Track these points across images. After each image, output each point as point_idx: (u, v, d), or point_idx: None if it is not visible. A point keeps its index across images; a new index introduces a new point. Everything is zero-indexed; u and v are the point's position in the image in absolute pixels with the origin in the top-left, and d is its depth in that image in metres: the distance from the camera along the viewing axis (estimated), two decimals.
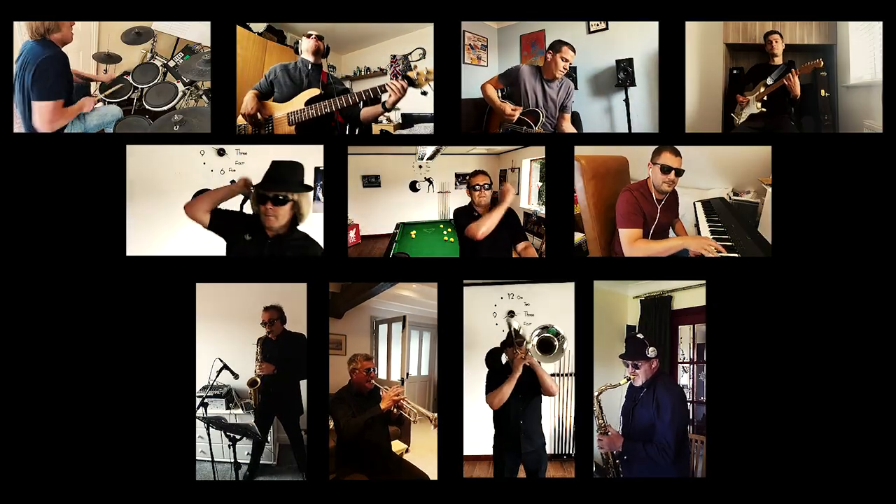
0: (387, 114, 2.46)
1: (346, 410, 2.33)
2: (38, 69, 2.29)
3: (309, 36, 2.49)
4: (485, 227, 2.46)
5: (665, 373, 2.36)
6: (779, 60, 2.53)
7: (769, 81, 2.53)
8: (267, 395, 2.37)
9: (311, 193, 2.27)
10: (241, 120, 2.43)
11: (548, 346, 2.33)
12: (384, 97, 2.41)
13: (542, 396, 2.40)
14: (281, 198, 2.19)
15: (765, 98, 2.53)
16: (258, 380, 2.35)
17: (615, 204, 2.49)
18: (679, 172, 2.38)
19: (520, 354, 2.34)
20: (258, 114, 2.46)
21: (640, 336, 2.35)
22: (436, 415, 2.33)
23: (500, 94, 2.63)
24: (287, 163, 2.25)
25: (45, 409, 2.25)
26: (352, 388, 2.38)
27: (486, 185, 2.55)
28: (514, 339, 2.37)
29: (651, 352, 2.30)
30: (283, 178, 2.22)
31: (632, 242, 2.40)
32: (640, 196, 2.46)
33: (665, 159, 2.37)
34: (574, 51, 2.58)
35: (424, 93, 2.43)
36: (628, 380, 2.32)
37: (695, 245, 2.31)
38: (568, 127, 2.65)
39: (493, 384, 2.36)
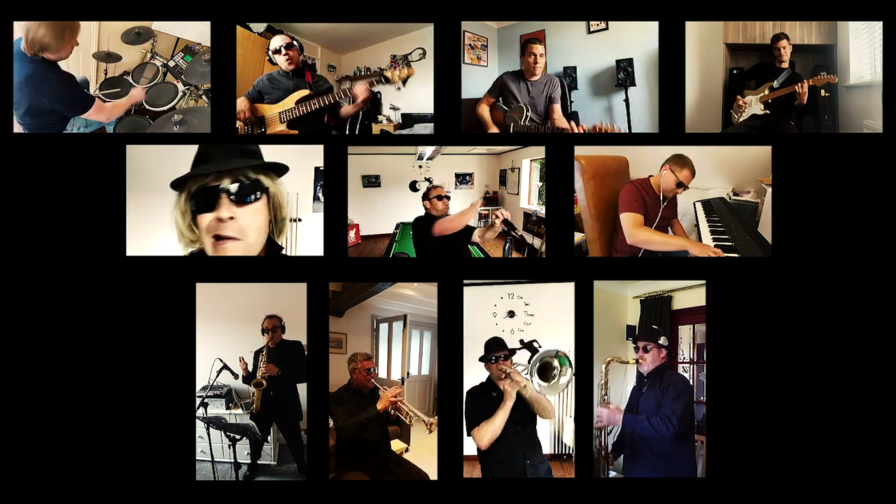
0: (362, 110, 2.49)
1: (344, 410, 2.32)
2: (56, 93, 2.30)
3: (278, 52, 2.48)
4: (454, 222, 2.52)
5: (669, 367, 2.37)
6: (786, 64, 2.53)
7: (775, 85, 2.53)
8: (266, 398, 2.36)
9: (282, 182, 1.42)
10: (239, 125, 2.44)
11: (547, 370, 2.25)
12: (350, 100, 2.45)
13: (538, 419, 2.33)
14: (254, 194, 1.28)
15: (769, 101, 2.53)
16: (263, 381, 2.34)
17: (615, 203, 2.49)
18: (686, 187, 2.47)
19: (504, 371, 2.24)
20: (251, 113, 2.46)
21: (655, 327, 2.38)
22: (433, 420, 2.31)
23: (496, 104, 2.64)
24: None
25: (45, 409, 2.25)
26: (351, 388, 2.38)
27: (447, 196, 2.62)
28: (495, 353, 2.31)
29: (663, 340, 2.34)
30: (243, 148, 1.38)
31: (635, 226, 2.43)
32: (643, 190, 2.49)
33: (684, 177, 2.43)
34: (541, 42, 2.61)
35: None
36: (637, 361, 2.35)
37: (696, 251, 2.32)
38: (559, 118, 2.65)
39: (478, 417, 2.22)
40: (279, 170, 1.42)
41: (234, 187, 1.29)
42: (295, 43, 2.51)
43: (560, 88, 2.69)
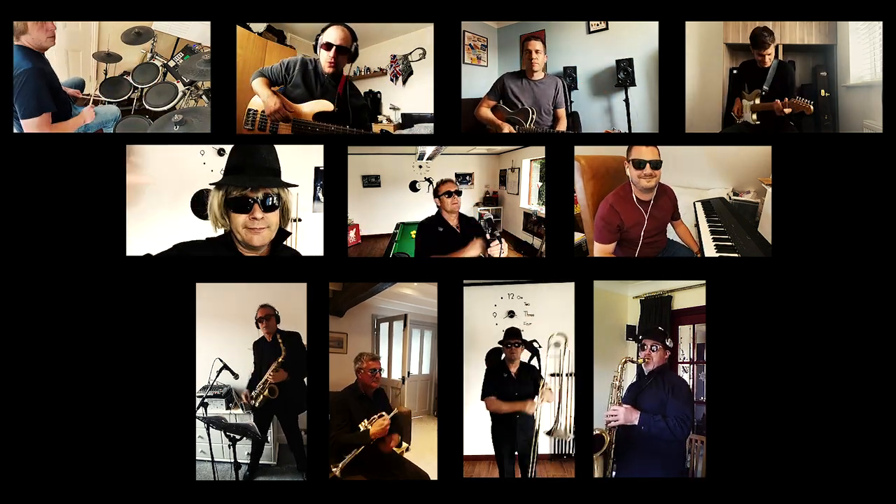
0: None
1: (342, 419, 2.30)
2: (14, 84, 2.26)
3: (329, 48, 2.39)
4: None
5: (668, 368, 2.38)
6: (770, 60, 2.52)
7: (765, 88, 2.52)
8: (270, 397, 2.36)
9: (295, 192, 1.91)
10: (255, 105, 2.38)
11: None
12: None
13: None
14: (273, 199, 1.77)
15: (759, 111, 2.52)
16: (276, 388, 2.33)
17: None
18: (656, 164, 2.35)
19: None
20: (284, 111, 2.38)
21: (661, 328, 2.38)
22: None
23: (498, 105, 2.63)
24: (264, 146, 1.87)
25: (45, 409, 2.25)
26: (357, 391, 2.36)
27: (458, 192, 2.57)
28: (511, 340, 2.41)
29: (669, 342, 2.35)
30: (269, 166, 1.81)
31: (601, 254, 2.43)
32: (620, 203, 2.41)
33: (636, 153, 2.35)
34: (539, 39, 2.60)
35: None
36: (644, 362, 2.36)
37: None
38: (562, 122, 2.64)
39: (489, 386, 2.40)
40: (292, 186, 1.94)
41: (264, 198, 1.79)
42: (351, 50, 2.38)
43: (564, 91, 2.69)
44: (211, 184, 1.92)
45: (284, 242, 1.95)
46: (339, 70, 2.46)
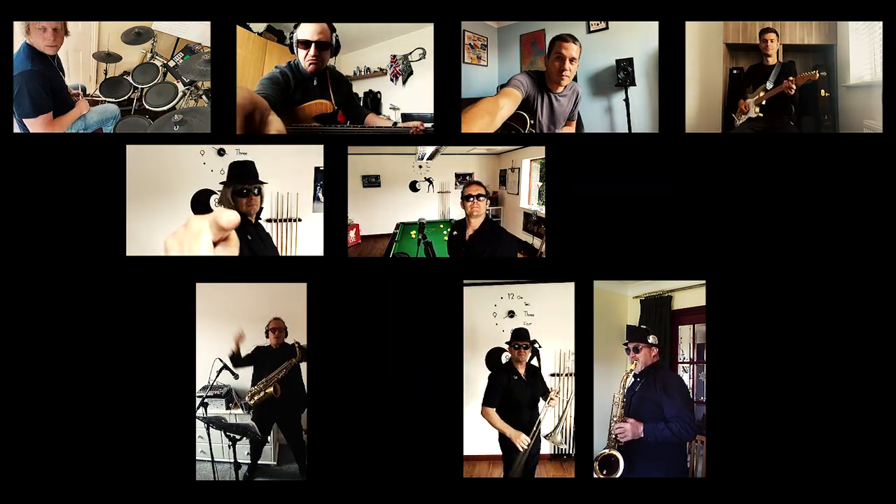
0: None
1: None
2: (15, 84, 2.30)
3: (307, 45, 2.36)
4: None
5: (664, 366, 2.38)
6: (773, 60, 2.53)
7: (769, 86, 2.53)
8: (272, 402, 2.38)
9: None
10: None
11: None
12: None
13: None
14: (256, 190, 2.33)
15: (763, 103, 2.53)
16: (278, 387, 2.34)
17: None
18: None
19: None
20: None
21: (644, 326, 2.38)
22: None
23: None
24: (248, 161, 2.36)
25: (44, 409, 2.25)
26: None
27: (481, 196, 2.56)
28: (518, 342, 2.40)
29: (652, 338, 2.35)
30: (252, 172, 2.33)
31: None
32: None
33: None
34: (576, 42, 2.49)
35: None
36: (634, 364, 2.36)
37: None
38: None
39: (494, 392, 2.38)
40: (264, 184, 2.38)
41: (254, 190, 2.32)
42: (332, 44, 2.37)
43: (579, 101, 2.60)
44: (221, 182, 2.34)
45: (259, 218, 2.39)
46: (322, 67, 2.43)
